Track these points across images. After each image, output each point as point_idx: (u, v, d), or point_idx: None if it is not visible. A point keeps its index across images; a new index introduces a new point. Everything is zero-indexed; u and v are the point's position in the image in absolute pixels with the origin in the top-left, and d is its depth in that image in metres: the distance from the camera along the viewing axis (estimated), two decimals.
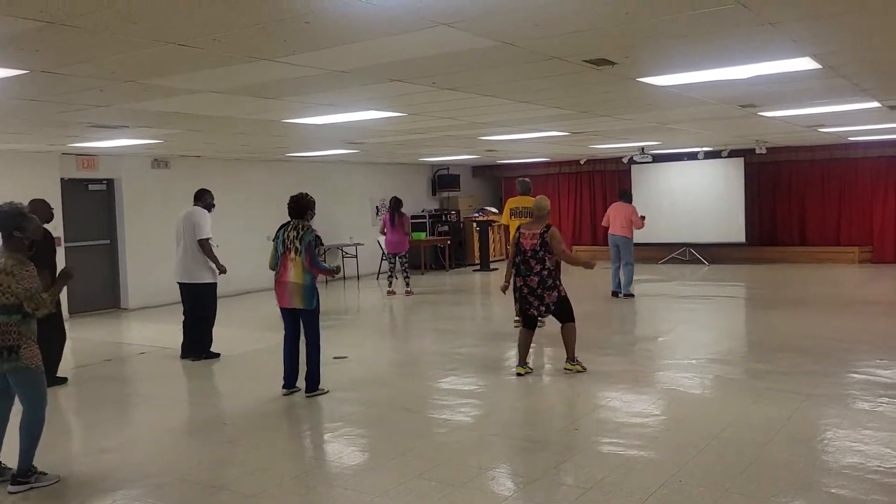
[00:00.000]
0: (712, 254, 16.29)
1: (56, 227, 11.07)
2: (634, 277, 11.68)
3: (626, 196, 11.97)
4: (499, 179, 19.69)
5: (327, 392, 6.29)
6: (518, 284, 6.61)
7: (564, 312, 6.71)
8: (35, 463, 4.42)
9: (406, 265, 12.70)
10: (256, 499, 4.11)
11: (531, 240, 6.56)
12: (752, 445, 4.63)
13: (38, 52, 4.23)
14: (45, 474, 4.45)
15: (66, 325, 10.56)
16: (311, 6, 3.51)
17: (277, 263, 6.29)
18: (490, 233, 16.85)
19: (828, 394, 5.74)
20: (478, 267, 16.78)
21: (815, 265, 15.07)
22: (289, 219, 6.38)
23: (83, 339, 9.74)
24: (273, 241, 6.42)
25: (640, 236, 16.86)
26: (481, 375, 6.81)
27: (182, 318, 8.03)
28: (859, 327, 8.50)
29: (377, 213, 16.73)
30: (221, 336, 8.22)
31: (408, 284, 12.69)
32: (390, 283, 12.79)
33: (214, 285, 7.92)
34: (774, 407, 5.44)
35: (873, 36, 4.68)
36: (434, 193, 18.35)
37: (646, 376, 6.60)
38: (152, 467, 4.73)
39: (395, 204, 12.54)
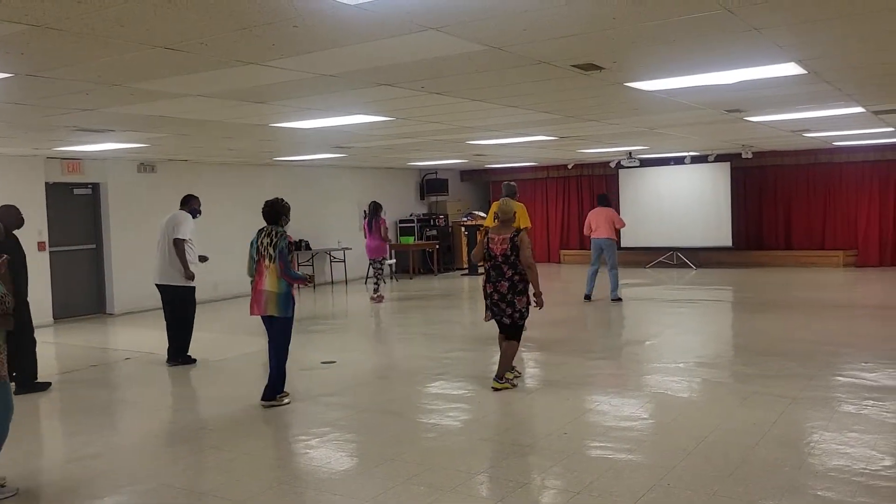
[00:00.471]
0: (699, 258, 16.38)
1: (41, 232, 11.03)
2: (621, 281, 11.71)
3: (605, 201, 11.92)
4: (487, 184, 19.72)
5: (288, 403, 6.12)
6: (489, 291, 6.34)
7: (518, 327, 6.43)
8: (15, 471, 4.34)
9: (381, 271, 12.58)
10: None
11: (501, 245, 6.30)
12: (739, 448, 4.65)
13: (23, 56, 4.20)
14: (2, 486, 4.32)
15: (51, 331, 10.58)
16: (300, 10, 3.51)
17: (254, 271, 6.16)
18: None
19: (813, 397, 5.78)
20: (466, 271, 16.79)
21: (800, 269, 15.18)
22: (265, 224, 6.20)
23: (68, 344, 9.66)
24: (248, 248, 6.25)
25: (628, 240, 17.04)
26: (470, 380, 6.80)
27: (164, 322, 7.96)
28: (844, 331, 8.57)
29: (364, 218, 16.70)
30: (207, 341, 8.18)
31: (376, 290, 12.52)
32: (375, 289, 12.67)
33: (192, 289, 7.84)
34: (761, 410, 5.47)
35: (857, 41, 4.73)
36: (422, 198, 18.36)
37: (634, 380, 6.62)
38: (138, 473, 4.69)
39: (374, 209, 12.46)
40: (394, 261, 16.51)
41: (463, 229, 17.30)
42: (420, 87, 5.85)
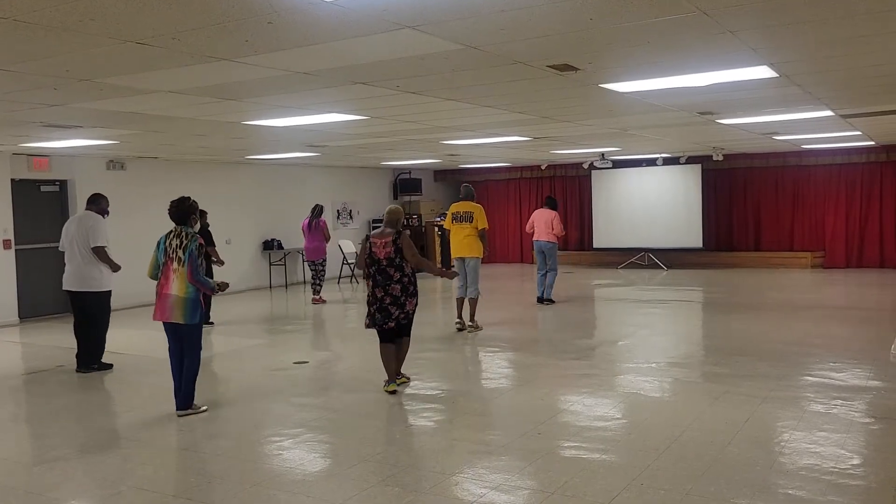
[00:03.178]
0: (670, 258, 16.54)
1: (6, 230, 10.81)
2: (593, 281, 11.77)
3: (551, 203, 11.81)
4: (460, 184, 19.68)
5: (204, 411, 5.87)
6: (379, 295, 6.26)
7: (409, 325, 6.49)
8: None
9: (322, 272, 12.46)
10: None
11: (384, 248, 6.25)
12: (711, 448, 4.69)
13: None
14: None
15: (17, 330, 10.37)
16: (275, 6, 3.46)
17: (158, 274, 5.81)
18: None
19: (783, 396, 5.85)
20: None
21: (769, 270, 15.41)
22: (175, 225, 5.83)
23: (35, 344, 9.48)
24: (154, 249, 5.87)
25: (599, 241, 17.16)
26: (443, 380, 6.78)
27: (73, 329, 7.66)
28: (812, 331, 8.70)
29: (338, 218, 16.63)
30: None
31: (317, 292, 12.40)
32: (315, 290, 12.51)
33: (108, 293, 7.56)
34: (732, 409, 5.52)
35: (829, 46, 4.79)
36: (396, 197, 18.31)
37: (607, 380, 6.65)
38: (108, 476, 4.60)
39: (318, 211, 12.36)
40: None
41: (436, 229, 17.29)
42: (395, 86, 5.82)
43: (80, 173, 11.79)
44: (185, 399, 5.84)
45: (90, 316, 7.51)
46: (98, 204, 7.68)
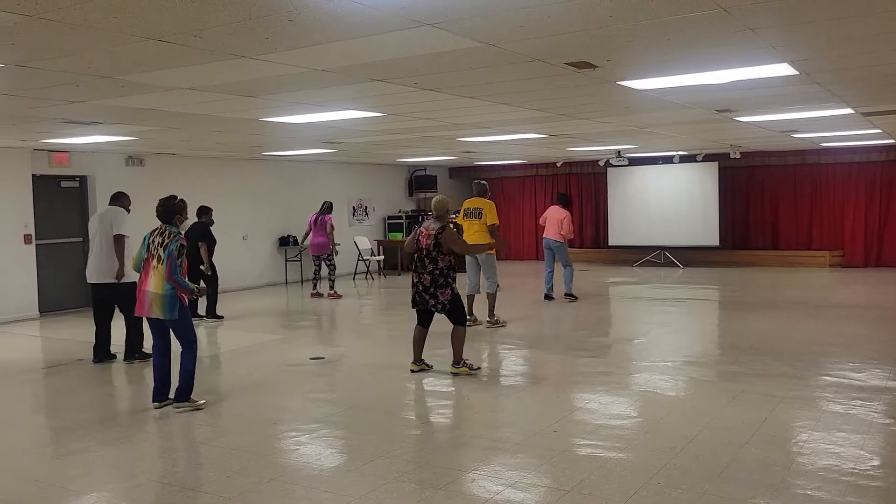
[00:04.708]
0: (686, 257, 16.45)
1: (27, 225, 10.93)
2: (609, 279, 11.73)
3: (564, 200, 11.78)
4: (475, 181, 19.69)
5: (202, 405, 5.88)
6: (414, 280, 6.72)
7: (456, 313, 6.76)
8: (4, 465, 4.31)
9: (332, 266, 12.60)
10: (235, 501, 4.06)
11: (426, 239, 6.66)
12: (728, 447, 4.68)
13: (14, 46, 4.15)
14: None
15: (37, 324, 10.49)
16: (296, 4, 3.48)
17: (140, 267, 5.92)
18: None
19: (802, 396, 5.82)
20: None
21: (786, 269, 15.29)
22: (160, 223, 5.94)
23: (54, 337, 9.58)
24: (139, 244, 6.00)
25: (615, 239, 17.11)
26: (459, 377, 6.80)
27: (95, 323, 7.72)
28: (831, 331, 8.63)
29: (353, 214, 16.67)
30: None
31: (332, 287, 12.56)
32: (314, 285, 12.66)
33: (132, 284, 7.39)
34: (749, 409, 5.50)
35: (849, 43, 4.75)
36: (411, 194, 18.32)
37: (622, 378, 6.64)
38: (128, 469, 4.66)
39: (327, 207, 12.50)
40: (382, 257, 16.49)
41: (451, 226, 17.27)
42: (413, 83, 5.83)
43: (100, 169, 11.90)
44: (182, 392, 5.85)
45: (119, 308, 7.63)
46: (120, 201, 7.87)
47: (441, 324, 6.98)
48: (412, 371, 6.85)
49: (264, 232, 14.70)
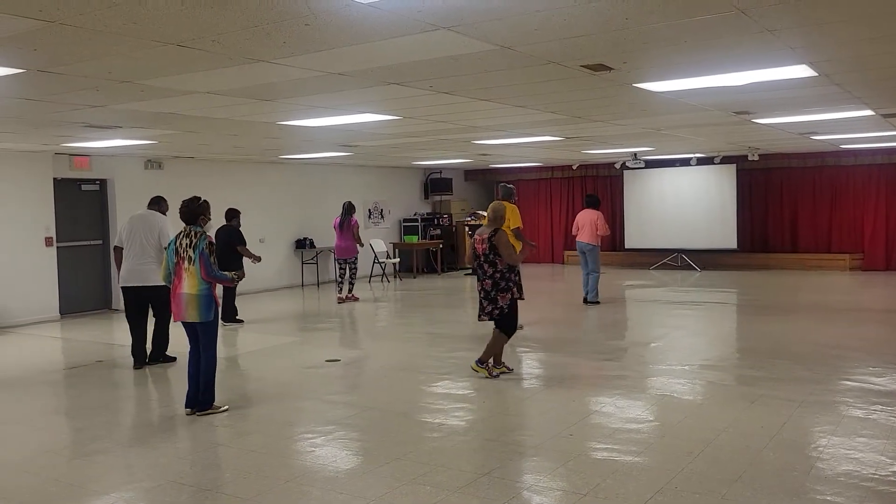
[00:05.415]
0: (704, 260, 16.35)
1: (48, 228, 11.07)
2: (625, 282, 11.67)
3: (593, 201, 11.68)
4: (491, 183, 19.69)
5: (225, 410, 5.91)
6: (477, 289, 6.79)
7: (507, 321, 6.71)
8: (25, 465, 4.36)
9: (354, 270, 12.51)
10: (251, 502, 4.08)
11: (482, 244, 6.66)
12: (746, 452, 4.64)
13: (36, 52, 4.21)
14: None
15: (58, 326, 10.60)
16: (312, 8, 3.51)
17: (171, 275, 5.92)
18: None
19: (821, 401, 5.76)
20: (470, 271, 16.77)
21: (805, 272, 15.15)
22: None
23: (75, 339, 9.68)
24: (164, 250, 6.02)
25: (632, 241, 17.03)
26: (475, 380, 6.79)
27: (129, 325, 7.71)
28: (851, 334, 8.54)
29: (369, 217, 16.73)
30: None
31: (351, 290, 12.48)
32: (339, 289, 12.60)
33: (167, 288, 7.59)
34: (768, 413, 5.45)
35: (869, 44, 4.71)
36: (426, 197, 18.36)
37: (639, 382, 6.60)
38: (146, 470, 4.70)
39: (348, 209, 12.35)
40: (398, 260, 16.53)
41: (467, 229, 17.29)
42: (429, 86, 5.84)
43: (120, 172, 12.03)
44: (205, 402, 5.87)
45: (153, 310, 7.68)
46: (160, 205, 7.91)
47: (469, 325, 6.97)
48: (503, 371, 6.87)
49: (281, 234, 14.79)
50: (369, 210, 16.75)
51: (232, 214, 10.44)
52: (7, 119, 7.18)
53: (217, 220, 8.06)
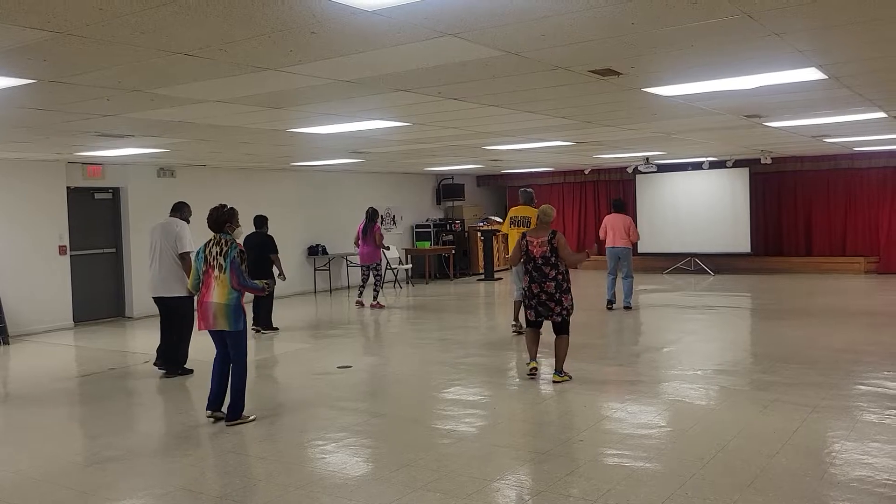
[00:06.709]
0: (717, 264, 16.25)
1: (62, 236, 11.16)
2: (639, 287, 11.63)
3: (620, 206, 11.68)
4: (503, 189, 19.70)
5: (253, 420, 5.85)
6: (535, 291, 6.70)
7: (567, 323, 6.82)
8: (39, 473, 4.39)
9: (378, 277, 12.56)
10: None
11: (540, 247, 6.70)
12: (758, 457, 4.60)
13: (46, 62, 4.25)
14: None
15: (71, 334, 10.68)
16: (318, 17, 3.52)
17: (199, 284, 5.86)
18: (494, 242, 16.83)
19: (835, 406, 5.71)
20: (482, 276, 16.77)
21: (820, 275, 15.02)
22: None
23: (88, 347, 9.75)
24: (193, 259, 6.01)
25: (645, 246, 16.94)
26: (486, 386, 6.78)
27: (161, 334, 7.75)
28: (866, 339, 8.46)
29: (381, 222, 16.74)
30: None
31: (376, 297, 12.57)
32: (360, 293, 12.67)
33: (189, 299, 7.48)
34: (781, 419, 5.41)
35: (879, 46, 4.67)
36: (439, 203, 18.37)
37: (651, 387, 6.57)
38: (154, 477, 4.72)
39: (371, 215, 12.38)
40: (410, 266, 16.54)
41: (479, 234, 17.28)
42: (437, 92, 5.85)
43: (133, 181, 12.12)
44: (234, 410, 5.81)
45: (170, 322, 7.61)
46: (181, 211, 7.87)
47: (470, 332, 6.96)
48: (532, 369, 6.89)
49: (293, 241, 14.83)
50: (382, 216, 16.77)
51: (262, 222, 10.41)
52: (20, 129, 7.25)
53: (244, 228, 8.05)
